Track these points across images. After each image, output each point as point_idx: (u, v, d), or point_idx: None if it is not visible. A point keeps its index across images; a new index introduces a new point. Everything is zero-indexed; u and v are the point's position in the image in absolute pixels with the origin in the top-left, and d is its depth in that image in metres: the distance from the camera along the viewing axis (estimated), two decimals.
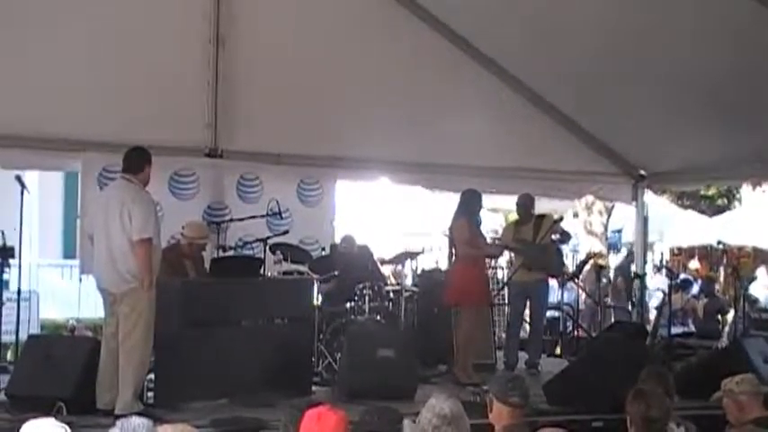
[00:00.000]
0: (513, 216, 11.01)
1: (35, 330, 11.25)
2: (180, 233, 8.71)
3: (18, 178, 8.13)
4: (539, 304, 10.53)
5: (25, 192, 8.13)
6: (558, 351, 12.81)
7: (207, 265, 8.82)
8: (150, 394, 7.53)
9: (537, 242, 10.11)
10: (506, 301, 11.67)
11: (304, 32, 9.85)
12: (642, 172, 12.02)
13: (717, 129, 10.03)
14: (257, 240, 9.27)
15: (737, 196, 21.66)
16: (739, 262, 16.37)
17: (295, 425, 3.98)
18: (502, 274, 13.03)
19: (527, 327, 10.91)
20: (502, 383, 4.95)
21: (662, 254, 19.04)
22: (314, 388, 8.34)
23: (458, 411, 3.89)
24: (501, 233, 10.76)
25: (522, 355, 10.31)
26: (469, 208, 9.44)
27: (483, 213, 9.91)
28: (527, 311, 10.72)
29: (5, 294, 8.61)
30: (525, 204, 10.39)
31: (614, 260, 17.35)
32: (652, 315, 13.41)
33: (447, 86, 10.42)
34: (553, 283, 12.19)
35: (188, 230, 8.72)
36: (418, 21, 10.34)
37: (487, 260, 10.62)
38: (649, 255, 15.35)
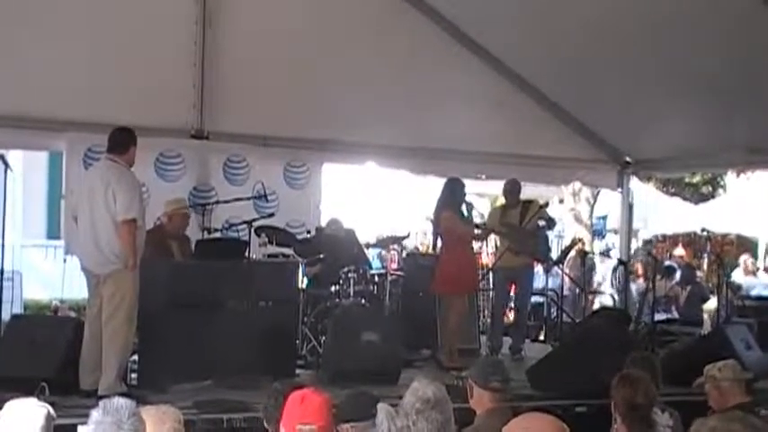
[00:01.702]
0: (500, 201, 11.01)
1: (18, 311, 11.21)
2: (162, 214, 8.69)
3: (1, 157, 8.06)
4: (523, 289, 10.55)
5: (9, 171, 8.06)
6: (542, 336, 12.84)
7: (192, 247, 8.80)
8: (134, 375, 7.53)
9: (523, 227, 10.12)
10: (491, 287, 11.68)
11: (292, 15, 9.78)
12: (628, 159, 12.04)
13: (703, 116, 10.04)
14: (243, 223, 9.25)
15: (722, 184, 21.71)
16: (723, 250, 16.42)
17: (278, 407, 3.98)
18: (487, 260, 13.04)
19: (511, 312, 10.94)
20: (481, 368, 4.96)
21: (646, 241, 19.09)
22: (298, 371, 8.35)
23: (441, 396, 3.89)
24: (487, 217, 10.76)
25: (507, 341, 10.33)
26: (454, 198, 9.47)
27: (469, 199, 9.89)
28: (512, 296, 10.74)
29: None
30: (513, 189, 10.41)
31: (598, 246, 17.39)
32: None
33: (435, 72, 10.37)
34: (538, 268, 12.22)
35: (167, 206, 8.74)
36: (408, 6, 10.29)
37: (475, 245, 10.66)
38: (633, 241, 15.34)
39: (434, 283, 9.49)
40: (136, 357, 7.55)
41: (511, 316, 11.02)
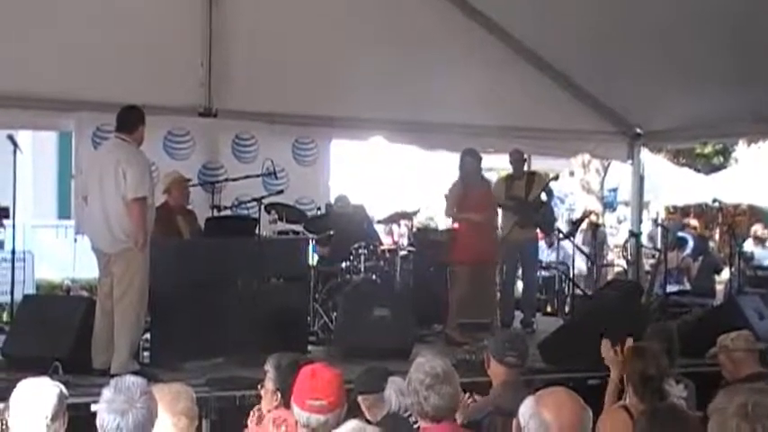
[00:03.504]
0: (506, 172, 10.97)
1: (30, 291, 11.24)
2: (163, 193, 8.70)
3: (10, 137, 8.06)
4: (529, 262, 10.54)
5: (18, 151, 8.06)
6: (553, 310, 12.83)
7: (200, 223, 8.81)
8: (146, 354, 7.54)
9: (529, 199, 10.10)
10: (501, 260, 11.64)
11: None
12: (638, 130, 11.99)
13: (713, 86, 9.97)
14: (253, 200, 9.23)
15: (733, 154, 21.62)
16: (734, 220, 16.36)
17: (286, 378, 4.00)
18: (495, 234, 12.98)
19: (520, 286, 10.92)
20: (500, 343, 4.98)
21: (657, 212, 19.03)
22: (309, 347, 8.35)
23: (448, 369, 3.89)
24: (493, 189, 10.71)
25: (518, 315, 10.32)
26: (464, 168, 9.43)
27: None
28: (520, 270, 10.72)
29: (0, 255, 8.60)
30: (518, 159, 10.39)
31: (609, 219, 17.35)
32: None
33: (443, 45, 10.31)
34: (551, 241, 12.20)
35: (163, 181, 8.74)
36: None
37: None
38: (645, 213, 15.30)
39: (447, 252, 9.49)
40: (148, 336, 7.56)
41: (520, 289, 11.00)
